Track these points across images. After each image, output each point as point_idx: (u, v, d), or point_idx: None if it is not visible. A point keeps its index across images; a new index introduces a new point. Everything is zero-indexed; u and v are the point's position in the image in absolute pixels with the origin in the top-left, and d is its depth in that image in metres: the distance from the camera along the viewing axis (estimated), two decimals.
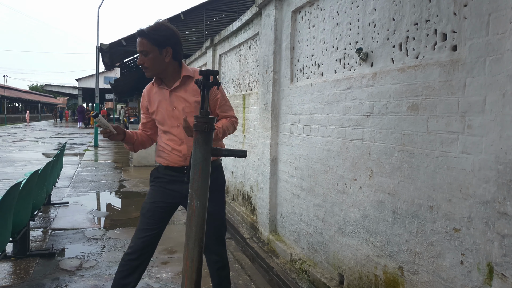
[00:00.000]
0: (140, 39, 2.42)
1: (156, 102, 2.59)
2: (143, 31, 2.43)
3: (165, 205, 2.61)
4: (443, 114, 2.15)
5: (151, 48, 2.42)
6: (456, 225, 2.07)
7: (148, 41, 2.41)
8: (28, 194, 3.80)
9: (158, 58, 2.46)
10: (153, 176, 2.70)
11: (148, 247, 2.59)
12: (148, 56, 2.44)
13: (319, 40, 3.63)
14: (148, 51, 2.42)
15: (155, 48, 2.43)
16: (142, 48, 2.43)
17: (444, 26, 2.19)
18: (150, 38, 2.41)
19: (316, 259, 3.55)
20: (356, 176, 2.95)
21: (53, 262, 4.13)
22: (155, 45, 2.42)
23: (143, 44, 2.42)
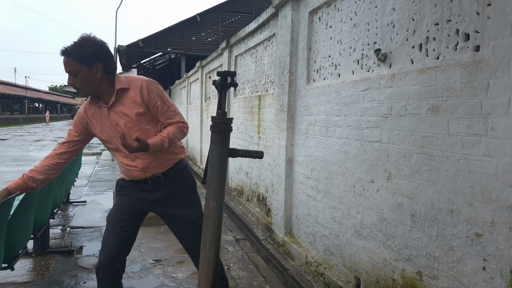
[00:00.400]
0: (66, 59, 2.24)
1: (97, 122, 2.44)
2: (67, 50, 2.23)
3: (133, 210, 2.54)
4: (464, 116, 2.10)
5: (79, 67, 2.25)
6: (478, 230, 2.02)
7: (75, 60, 2.23)
8: (48, 192, 3.87)
9: (88, 76, 2.28)
10: (118, 186, 2.65)
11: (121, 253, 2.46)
12: (78, 75, 2.26)
13: (336, 41, 3.60)
14: (76, 70, 2.25)
15: (84, 67, 2.25)
16: (70, 68, 2.26)
17: (467, 26, 2.15)
18: (76, 57, 2.23)
19: (332, 262, 3.51)
20: (373, 179, 2.92)
21: (72, 260, 4.22)
22: (83, 63, 2.25)
23: (70, 64, 2.25)
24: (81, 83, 2.29)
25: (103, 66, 2.30)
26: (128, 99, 2.37)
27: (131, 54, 20.25)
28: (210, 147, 1.95)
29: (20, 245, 3.12)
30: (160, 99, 2.40)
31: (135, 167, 2.46)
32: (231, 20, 19.32)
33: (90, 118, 2.46)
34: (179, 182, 2.58)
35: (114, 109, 2.38)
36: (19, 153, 13.68)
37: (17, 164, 11.02)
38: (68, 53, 2.23)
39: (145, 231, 5.22)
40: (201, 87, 11.21)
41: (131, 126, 2.38)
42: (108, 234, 2.46)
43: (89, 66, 2.26)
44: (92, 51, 2.25)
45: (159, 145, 2.34)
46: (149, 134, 2.41)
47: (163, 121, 2.47)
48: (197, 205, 2.66)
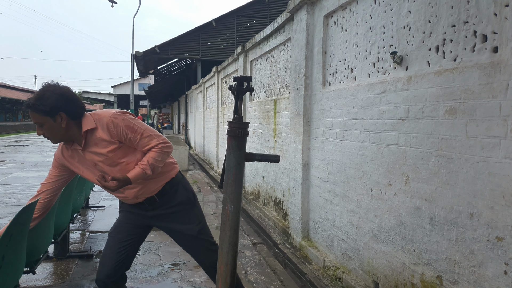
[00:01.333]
0: (30, 112, 2.27)
1: (76, 163, 2.46)
2: (28, 103, 2.26)
3: (133, 224, 2.58)
4: (483, 118, 2.07)
5: (43, 119, 2.26)
6: (499, 234, 1.99)
7: (37, 113, 2.25)
8: (68, 197, 3.94)
9: (54, 126, 2.28)
10: (120, 203, 2.71)
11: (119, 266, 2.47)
12: (43, 126, 2.28)
13: (352, 44, 3.59)
14: (41, 122, 2.27)
15: (47, 118, 2.25)
16: (35, 120, 2.28)
17: (484, 27, 2.12)
18: (38, 110, 2.24)
19: (350, 266, 3.49)
20: (391, 182, 2.89)
21: (91, 264, 4.26)
22: (45, 115, 2.25)
23: (34, 117, 2.27)
24: (48, 133, 2.31)
25: (66, 115, 2.28)
26: (97, 138, 2.35)
27: (148, 60, 20.49)
28: (226, 152, 1.97)
29: (42, 250, 3.18)
30: (130, 130, 2.35)
31: (125, 197, 2.51)
32: (246, 25, 19.41)
33: (68, 159, 2.47)
34: (175, 198, 2.59)
35: (88, 150, 2.38)
36: (40, 159, 13.95)
37: (37, 169, 11.24)
38: (30, 106, 2.25)
39: (162, 236, 5.26)
40: (217, 92, 11.28)
41: (109, 163, 2.38)
42: (107, 247, 2.51)
43: (53, 117, 2.26)
44: (52, 102, 2.23)
45: (141, 175, 2.33)
46: (128, 166, 2.40)
47: (140, 150, 2.43)
48: (198, 218, 2.65)
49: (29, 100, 2.25)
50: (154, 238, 5.17)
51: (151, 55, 19.02)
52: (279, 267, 4.31)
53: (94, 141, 2.35)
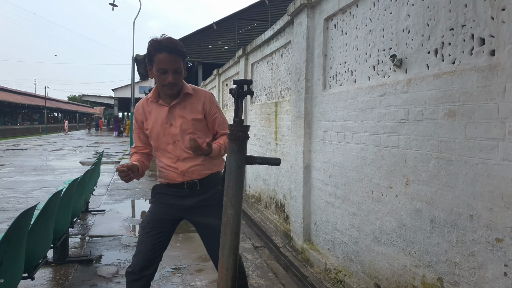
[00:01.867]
0: (173, 57, 2.31)
1: (151, 118, 2.52)
2: (175, 47, 2.30)
3: (166, 217, 2.58)
4: (482, 120, 2.09)
5: (181, 63, 2.36)
6: (499, 235, 2.00)
7: (181, 58, 2.34)
8: (68, 201, 3.93)
9: (182, 72, 2.39)
10: (153, 192, 2.69)
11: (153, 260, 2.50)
12: (177, 71, 2.35)
13: (352, 47, 3.61)
14: (178, 67, 2.34)
15: (183, 64, 2.38)
16: (177, 65, 2.33)
17: (481, 31, 2.14)
18: (182, 54, 2.34)
19: (352, 269, 3.50)
20: (392, 184, 2.91)
21: (91, 269, 4.25)
22: (183, 61, 2.37)
23: (178, 61, 2.33)
24: (178, 80, 2.39)
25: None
26: (189, 104, 2.50)
27: None
28: (227, 155, 1.98)
29: (41, 255, 3.16)
30: (218, 111, 2.59)
31: (175, 169, 2.52)
32: (247, 28, 19.46)
33: (145, 113, 2.56)
34: (214, 191, 2.61)
35: (174, 110, 2.49)
36: (39, 163, 13.94)
37: (36, 173, 11.24)
38: (177, 51, 2.32)
39: None
40: (218, 94, 11.30)
41: (185, 128, 2.48)
42: (141, 241, 2.53)
43: (184, 63, 2.40)
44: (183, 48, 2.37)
45: (217, 151, 2.43)
46: (199, 140, 2.49)
47: (218, 131, 2.60)
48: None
49: (172, 45, 2.30)
50: None
51: None
52: (280, 270, 4.32)
53: (184, 105, 2.49)
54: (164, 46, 2.29)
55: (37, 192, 8.35)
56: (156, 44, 2.30)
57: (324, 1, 4.06)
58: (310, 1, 4.28)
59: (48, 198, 3.16)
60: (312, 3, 4.29)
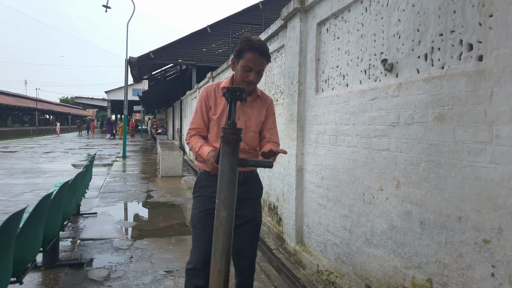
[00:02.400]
0: (262, 59, 2.46)
1: (221, 107, 2.61)
2: (266, 51, 2.47)
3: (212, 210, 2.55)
4: (470, 124, 2.13)
5: (265, 66, 2.55)
6: (486, 237, 2.04)
7: (267, 62, 2.51)
8: (58, 204, 3.88)
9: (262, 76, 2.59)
10: (197, 186, 2.70)
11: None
12: (260, 73, 2.51)
13: (344, 52, 3.66)
14: (263, 69, 2.52)
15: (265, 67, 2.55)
16: (262, 68, 2.50)
17: (470, 37, 2.19)
18: (269, 59, 2.51)
19: (343, 270, 3.53)
20: (382, 187, 2.95)
21: (82, 272, 4.20)
22: (266, 65, 2.55)
23: (264, 64, 2.49)
24: (258, 81, 2.55)
25: None
26: (257, 105, 2.67)
27: (142, 65, 20.50)
28: (220, 157, 2.01)
29: (29, 259, 3.11)
30: (273, 117, 2.77)
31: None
32: (241, 32, 19.50)
33: (217, 99, 2.63)
34: (253, 185, 2.75)
35: (244, 107, 2.61)
36: (29, 165, 13.77)
37: (27, 176, 11.12)
38: (266, 55, 2.48)
39: (156, 242, 5.27)
40: None
41: (249, 125, 2.62)
42: (197, 239, 2.58)
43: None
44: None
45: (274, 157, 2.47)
46: (255, 138, 2.67)
47: (267, 136, 2.69)
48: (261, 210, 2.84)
49: (263, 47, 2.46)
50: (147, 245, 5.17)
51: (145, 61, 19.04)
52: (273, 272, 4.34)
53: (252, 105, 2.66)
54: (257, 47, 2.44)
55: (27, 195, 8.28)
56: (251, 43, 2.45)
57: (317, 6, 4.11)
58: (303, 5, 4.33)
59: (38, 201, 3.13)
60: (305, 8, 4.34)
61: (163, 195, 8.65)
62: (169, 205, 7.67)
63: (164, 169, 11.47)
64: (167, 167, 11.47)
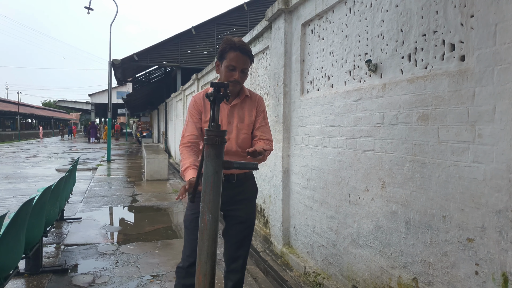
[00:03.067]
0: (244, 57, 2.47)
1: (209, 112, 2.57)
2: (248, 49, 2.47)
3: None
4: (453, 124, 2.15)
5: (249, 65, 2.53)
6: (470, 235, 2.06)
7: (250, 60, 2.51)
8: (41, 210, 3.82)
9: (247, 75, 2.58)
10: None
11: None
12: (244, 72, 2.51)
13: (328, 52, 3.66)
14: (247, 67, 2.52)
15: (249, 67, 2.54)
16: (246, 66, 2.50)
17: (452, 37, 2.21)
18: (251, 57, 2.51)
19: (330, 272, 3.53)
20: (368, 187, 2.95)
21: (66, 278, 4.13)
22: (250, 64, 2.53)
23: (247, 63, 2.49)
24: (243, 79, 2.53)
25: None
26: (247, 106, 2.66)
27: (126, 68, 20.33)
28: (204, 160, 1.98)
29: (11, 265, 3.06)
30: (264, 114, 2.73)
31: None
32: (226, 33, 19.47)
33: (206, 106, 2.61)
34: (248, 186, 2.76)
35: (234, 109, 2.62)
36: (11, 170, 13.48)
37: (8, 182, 10.88)
38: (248, 54, 2.48)
39: (142, 247, 5.21)
40: None
41: (240, 129, 2.62)
42: (188, 239, 2.60)
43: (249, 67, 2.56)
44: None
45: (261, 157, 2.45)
46: (246, 140, 2.66)
47: (258, 134, 2.67)
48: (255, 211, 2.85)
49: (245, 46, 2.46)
50: (132, 249, 5.11)
51: (129, 63, 18.87)
52: (260, 275, 4.32)
53: (242, 106, 2.64)
54: (238, 46, 2.45)
55: (8, 200, 8.11)
56: (232, 43, 2.46)
57: (301, 7, 4.11)
58: (287, 6, 4.33)
59: (19, 207, 3.07)
60: (289, 9, 4.34)
61: (149, 199, 8.56)
62: (154, 209, 7.59)
63: (150, 173, 11.37)
64: (152, 170, 11.37)
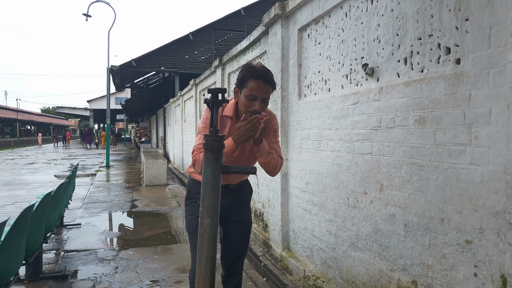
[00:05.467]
0: (266, 86, 2.31)
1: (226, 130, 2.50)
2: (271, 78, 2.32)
3: None
4: (450, 126, 2.16)
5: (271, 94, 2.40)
6: (468, 237, 2.07)
7: (272, 88, 2.35)
8: (41, 216, 3.83)
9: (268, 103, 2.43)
10: (192, 192, 2.69)
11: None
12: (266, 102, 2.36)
13: (325, 57, 3.69)
14: (269, 97, 2.39)
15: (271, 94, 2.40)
16: (267, 96, 2.35)
17: (447, 40, 2.23)
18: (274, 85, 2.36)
19: (330, 275, 3.53)
20: (366, 190, 2.96)
21: (66, 285, 4.14)
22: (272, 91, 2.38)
23: (269, 92, 2.34)
24: (264, 109, 2.37)
25: None
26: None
27: (125, 74, 20.37)
28: (203, 165, 1.99)
29: (12, 272, 3.06)
30: (275, 132, 2.59)
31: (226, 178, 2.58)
32: (223, 38, 19.53)
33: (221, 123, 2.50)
34: (246, 189, 2.81)
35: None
36: (11, 177, 13.47)
37: (8, 188, 10.87)
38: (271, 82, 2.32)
39: (141, 252, 5.21)
40: (195, 104, 11.28)
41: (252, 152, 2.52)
42: (195, 244, 2.55)
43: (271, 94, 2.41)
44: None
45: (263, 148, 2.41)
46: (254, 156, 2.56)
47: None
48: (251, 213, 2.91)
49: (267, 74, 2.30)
50: (132, 255, 5.10)
51: (127, 69, 18.91)
52: (260, 279, 4.32)
53: None
54: (260, 74, 2.29)
55: (8, 207, 8.10)
56: (253, 70, 2.30)
57: (298, 12, 4.14)
58: (284, 12, 4.35)
59: (20, 213, 3.08)
60: (286, 14, 4.36)
61: (148, 204, 8.55)
62: (154, 214, 7.59)
63: (149, 178, 11.36)
64: (151, 175, 11.36)
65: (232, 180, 2.66)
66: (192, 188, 2.71)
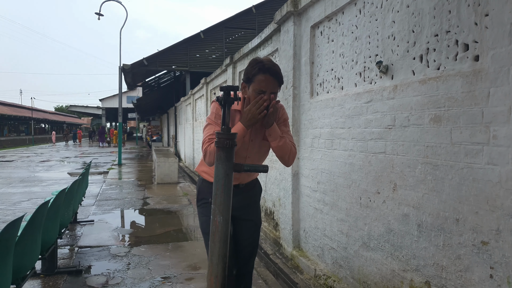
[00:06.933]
0: (274, 80, 2.31)
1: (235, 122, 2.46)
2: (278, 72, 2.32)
3: None
4: (466, 125, 2.12)
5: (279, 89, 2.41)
6: (484, 238, 2.02)
7: (280, 83, 2.36)
8: (56, 212, 3.88)
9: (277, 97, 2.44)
10: (201, 195, 2.68)
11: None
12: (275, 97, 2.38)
13: (338, 54, 3.65)
14: (277, 92, 2.39)
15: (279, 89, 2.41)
16: (276, 90, 2.35)
17: (466, 37, 2.18)
18: (281, 80, 2.37)
19: (341, 275, 3.50)
20: (379, 190, 2.92)
21: (80, 279, 4.19)
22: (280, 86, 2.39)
23: (276, 86, 2.34)
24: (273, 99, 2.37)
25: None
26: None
27: (136, 72, 20.47)
28: (215, 163, 1.98)
29: (28, 266, 3.12)
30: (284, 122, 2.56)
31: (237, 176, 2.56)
32: (234, 37, 19.53)
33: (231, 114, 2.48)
34: (256, 188, 2.80)
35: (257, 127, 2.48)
36: (26, 174, 13.70)
37: (24, 185, 11.05)
38: (279, 76, 2.32)
39: (153, 249, 5.23)
40: (206, 103, 11.30)
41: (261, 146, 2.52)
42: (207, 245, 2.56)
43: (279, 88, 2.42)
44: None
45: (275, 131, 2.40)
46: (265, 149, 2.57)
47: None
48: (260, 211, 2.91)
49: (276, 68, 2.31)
50: (144, 251, 5.12)
51: (139, 68, 19.01)
52: (270, 277, 4.30)
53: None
54: (268, 68, 2.28)
55: (24, 203, 8.22)
56: (261, 64, 2.30)
57: (311, 9, 4.10)
58: (296, 9, 4.32)
59: (36, 209, 3.12)
60: (298, 11, 4.33)
61: (159, 202, 8.59)
62: (165, 211, 7.62)
63: (160, 176, 11.41)
64: (162, 174, 11.41)
65: (242, 179, 2.64)
66: (202, 188, 2.69)
